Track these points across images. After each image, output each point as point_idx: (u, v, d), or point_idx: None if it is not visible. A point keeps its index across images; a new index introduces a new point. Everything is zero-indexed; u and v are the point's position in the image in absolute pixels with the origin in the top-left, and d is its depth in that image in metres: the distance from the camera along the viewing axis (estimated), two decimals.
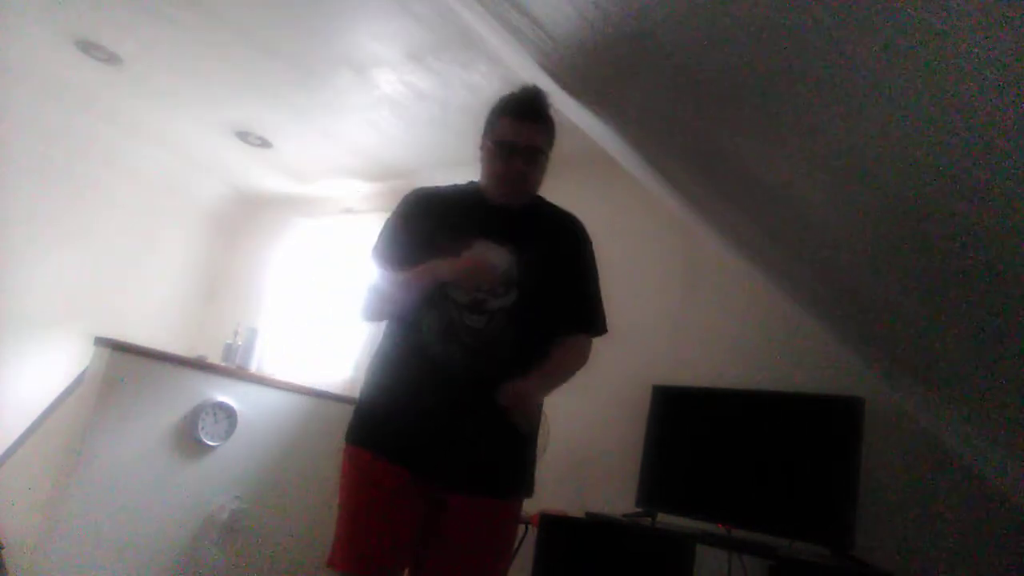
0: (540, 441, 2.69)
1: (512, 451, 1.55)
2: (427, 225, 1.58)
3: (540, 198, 1.67)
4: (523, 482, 1.60)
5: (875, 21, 0.58)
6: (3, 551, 2.75)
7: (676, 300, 3.00)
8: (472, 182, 1.66)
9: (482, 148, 1.60)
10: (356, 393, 4.10)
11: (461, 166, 1.76)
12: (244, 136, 4.08)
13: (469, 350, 1.48)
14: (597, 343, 1.66)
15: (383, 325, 1.62)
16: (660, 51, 1.01)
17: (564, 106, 1.97)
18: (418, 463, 1.46)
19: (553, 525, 2.42)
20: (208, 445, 3.06)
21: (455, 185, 1.68)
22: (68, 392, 3.11)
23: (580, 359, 1.61)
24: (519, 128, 1.53)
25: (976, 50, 0.52)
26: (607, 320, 1.67)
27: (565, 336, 1.58)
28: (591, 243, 1.68)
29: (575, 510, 2.56)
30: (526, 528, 2.58)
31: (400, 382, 1.53)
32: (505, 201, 1.58)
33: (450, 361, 1.48)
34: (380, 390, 1.55)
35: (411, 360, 1.52)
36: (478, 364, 1.48)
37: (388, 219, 1.65)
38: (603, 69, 1.35)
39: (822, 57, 0.69)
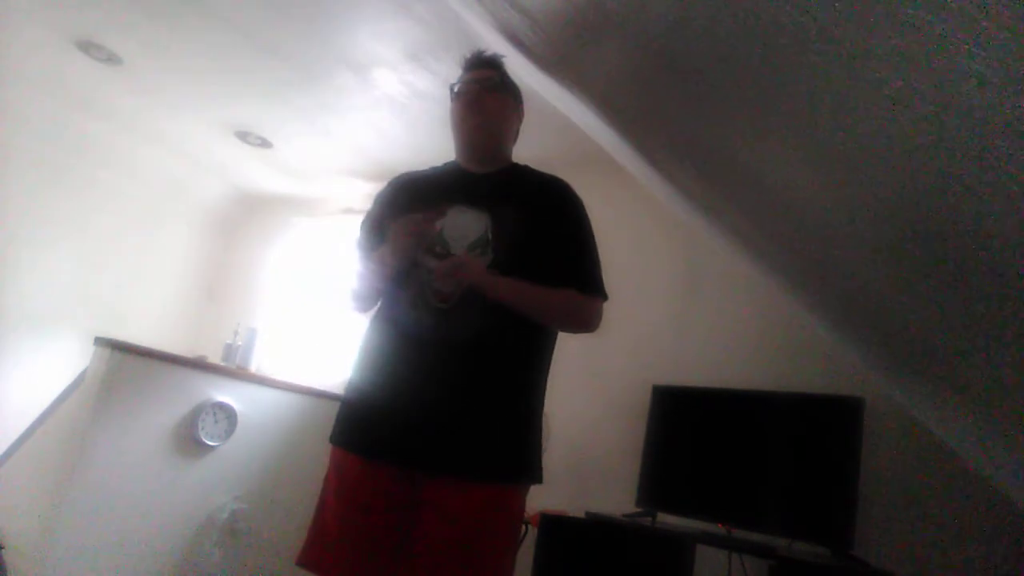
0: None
1: (504, 428, 1.39)
2: (405, 203, 1.58)
3: (522, 165, 1.65)
4: (521, 465, 1.40)
5: (874, 19, 0.58)
6: (3, 551, 2.75)
7: (676, 300, 3.00)
8: (450, 162, 1.67)
9: (451, 116, 1.64)
10: None
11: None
12: (244, 136, 4.08)
13: (440, 314, 1.40)
14: (597, 342, 1.64)
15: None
16: (665, 57, 1.01)
17: (563, 103, 1.97)
18: (389, 448, 1.36)
19: (553, 525, 2.42)
20: (208, 445, 3.06)
21: (434, 166, 1.69)
22: (68, 392, 3.11)
23: (568, 308, 1.50)
24: (474, 72, 1.61)
25: (976, 50, 0.52)
26: (604, 284, 1.56)
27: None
28: (580, 203, 1.60)
29: (575, 510, 2.56)
30: (526, 528, 2.58)
31: (374, 360, 1.46)
32: (472, 134, 1.58)
33: (420, 328, 1.40)
34: (356, 375, 1.49)
35: (386, 336, 1.46)
36: (449, 329, 1.39)
37: (371, 206, 1.67)
38: (604, 68, 1.35)
39: (820, 55, 0.69)
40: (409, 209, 1.52)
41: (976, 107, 0.59)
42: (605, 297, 1.56)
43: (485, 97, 1.57)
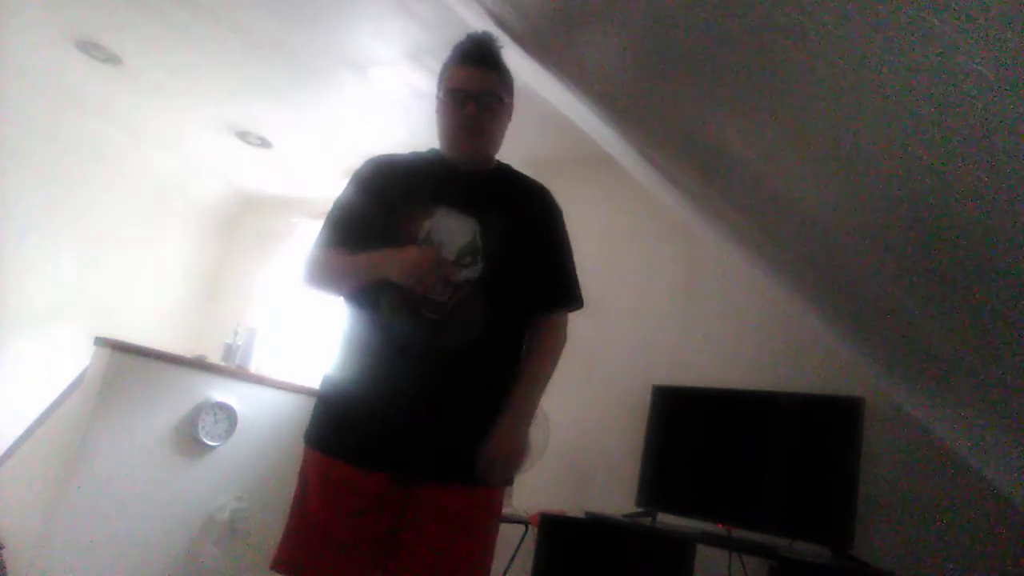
0: (540, 441, 2.69)
1: (484, 433, 1.40)
2: (386, 193, 1.50)
3: (506, 164, 1.60)
4: None
5: (874, 19, 0.58)
6: (3, 551, 2.75)
7: (676, 300, 3.00)
8: (433, 149, 1.59)
9: (437, 108, 1.54)
10: None
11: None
12: (244, 136, 4.08)
13: (432, 325, 1.38)
14: (597, 342, 1.62)
15: (346, 307, 1.51)
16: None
17: (563, 103, 1.97)
18: (376, 455, 1.35)
19: (553, 525, 2.42)
20: (208, 445, 3.06)
21: (415, 152, 1.60)
22: (68, 392, 3.11)
23: (557, 348, 1.52)
24: (469, 74, 1.47)
25: (976, 50, 0.52)
26: (580, 290, 1.56)
27: (539, 315, 1.50)
28: (560, 214, 1.58)
29: (575, 510, 2.56)
30: (526, 528, 2.58)
31: (357, 367, 1.43)
32: (464, 154, 1.51)
33: (411, 338, 1.37)
34: (336, 378, 1.46)
35: (369, 341, 1.42)
36: (442, 339, 1.37)
37: (344, 188, 1.56)
38: (612, 68, 1.35)
39: (819, 55, 0.69)
40: (395, 203, 1.47)
41: (976, 107, 0.59)
42: (582, 304, 1.57)
43: (484, 121, 1.48)
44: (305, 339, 4.36)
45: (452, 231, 1.43)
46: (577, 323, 1.59)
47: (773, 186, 1.18)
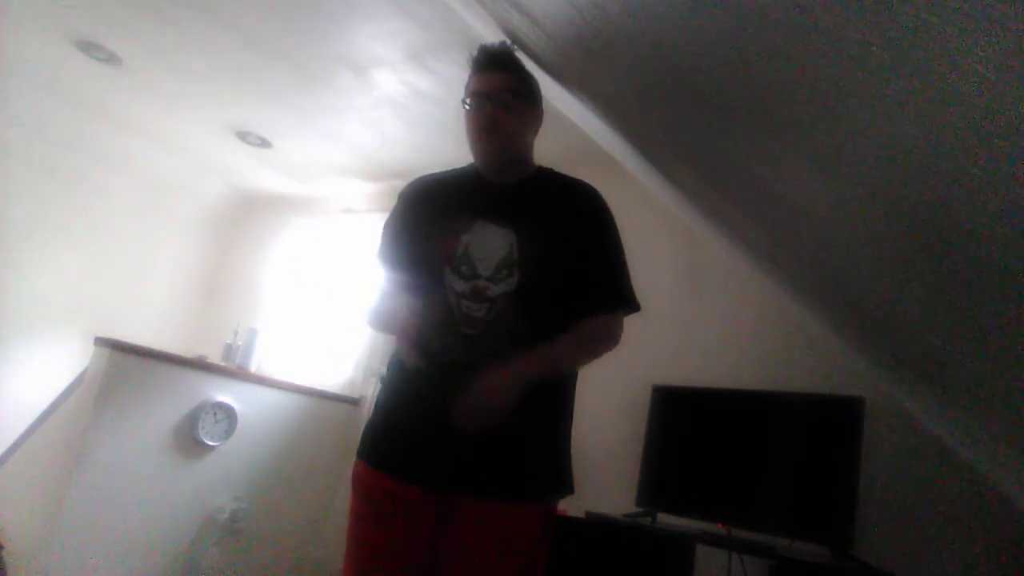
0: None
1: (538, 451, 1.40)
2: (426, 213, 1.53)
3: (546, 168, 1.58)
4: (555, 484, 1.45)
5: (874, 20, 0.58)
6: (3, 551, 2.75)
7: (676, 300, 3.00)
8: (471, 164, 1.59)
9: (464, 122, 1.55)
10: (356, 393, 4.06)
11: (461, 166, 1.75)
12: (244, 136, 4.09)
13: (469, 340, 1.38)
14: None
15: None
16: (665, 62, 1.01)
17: (564, 103, 1.97)
18: (409, 468, 1.37)
19: (553, 525, 2.41)
20: (208, 445, 3.06)
21: (454, 169, 1.61)
22: (68, 392, 3.11)
23: (599, 342, 1.50)
24: (485, 78, 1.50)
25: (976, 50, 0.52)
26: (634, 293, 1.52)
27: (588, 318, 1.45)
28: (607, 210, 1.53)
29: (575, 510, 2.56)
30: None
31: (401, 382, 1.45)
32: (490, 155, 1.50)
33: (449, 353, 1.38)
34: (383, 394, 1.48)
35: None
36: (479, 355, 1.36)
37: (390, 214, 1.60)
38: (599, 63, 1.35)
39: (820, 55, 0.69)
40: (434, 221, 1.49)
41: (976, 107, 0.59)
42: (637, 307, 1.54)
43: (501, 118, 1.47)
44: (305, 339, 4.36)
45: (488, 246, 1.42)
46: None
47: (774, 187, 1.18)
